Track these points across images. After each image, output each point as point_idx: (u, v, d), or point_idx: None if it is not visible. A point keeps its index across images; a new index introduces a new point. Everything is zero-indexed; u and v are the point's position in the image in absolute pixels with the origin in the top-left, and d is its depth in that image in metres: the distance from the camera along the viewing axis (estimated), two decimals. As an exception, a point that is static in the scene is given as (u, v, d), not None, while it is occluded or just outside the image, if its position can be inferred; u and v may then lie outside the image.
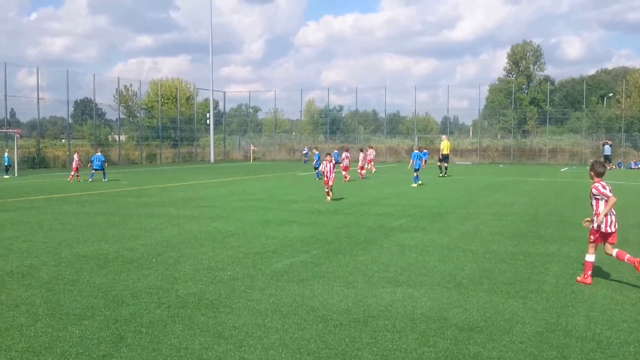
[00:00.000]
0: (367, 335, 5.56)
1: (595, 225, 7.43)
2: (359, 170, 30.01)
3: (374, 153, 35.74)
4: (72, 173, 27.59)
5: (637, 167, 44.81)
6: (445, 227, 12.43)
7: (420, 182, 24.65)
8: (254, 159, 56.36)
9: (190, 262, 8.77)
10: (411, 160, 25.44)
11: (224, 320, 6.02)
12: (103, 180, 26.97)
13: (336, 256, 9.28)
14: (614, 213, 7.53)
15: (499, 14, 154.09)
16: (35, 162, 40.62)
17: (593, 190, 7.52)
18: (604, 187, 7.47)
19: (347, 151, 28.90)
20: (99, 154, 28.12)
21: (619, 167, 45.48)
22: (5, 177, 30.66)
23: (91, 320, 5.97)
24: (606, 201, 7.39)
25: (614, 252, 7.40)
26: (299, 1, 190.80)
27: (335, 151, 32.96)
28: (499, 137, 61.24)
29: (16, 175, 31.71)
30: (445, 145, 31.99)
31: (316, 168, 27.60)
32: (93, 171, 27.50)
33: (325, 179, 18.17)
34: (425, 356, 5.03)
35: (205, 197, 19.34)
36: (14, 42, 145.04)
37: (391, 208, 15.99)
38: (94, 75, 47.54)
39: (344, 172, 27.02)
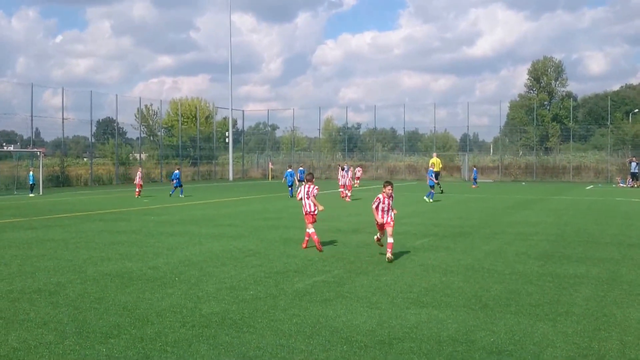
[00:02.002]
0: (392, 357, 5.47)
1: None
2: (342, 189, 29.11)
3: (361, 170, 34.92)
4: (138, 190, 29.11)
5: (663, 185, 43.93)
6: (469, 246, 12.28)
7: (433, 199, 25.55)
8: (272, 177, 56.53)
9: (212, 281, 8.76)
10: (428, 177, 26.81)
11: (248, 340, 5.97)
12: (180, 195, 28.51)
13: (358, 276, 9.20)
14: None
15: (518, 30, 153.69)
16: (60, 181, 41.23)
17: None
18: None
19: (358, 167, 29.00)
20: (177, 170, 29.94)
21: (645, 185, 44.62)
22: (31, 195, 31.13)
23: (117, 339, 5.97)
24: None
25: None
26: (318, 20, 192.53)
27: (300, 168, 32.94)
28: (520, 154, 60.68)
29: (41, 193, 32.18)
30: (435, 162, 32.05)
31: (289, 186, 29.13)
32: (174, 188, 29.34)
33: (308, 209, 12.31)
34: (453, 380, 4.92)
35: (225, 215, 19.40)
36: (40, 64, 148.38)
37: (413, 227, 15.85)
38: (117, 95, 48.29)
39: (347, 191, 27.22)
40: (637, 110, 65.25)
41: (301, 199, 12.22)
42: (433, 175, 27.04)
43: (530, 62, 74.75)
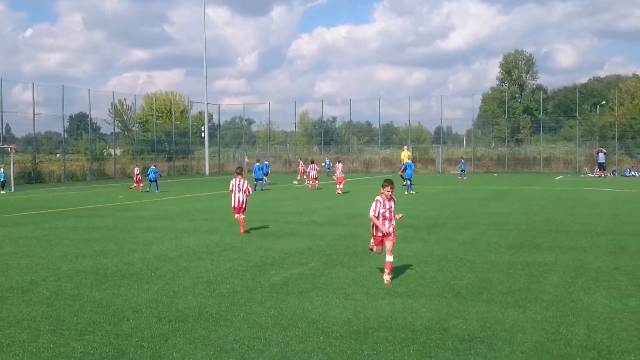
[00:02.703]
0: (368, 347, 5.58)
1: None
2: (310, 182, 30.10)
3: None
4: (135, 184, 29.97)
5: (631, 174, 45.04)
6: (443, 237, 12.48)
7: (411, 191, 25.66)
8: (249, 171, 56.38)
9: (189, 276, 8.77)
10: (403, 169, 26.91)
11: (225, 333, 6.02)
12: (156, 191, 28.46)
13: (334, 268, 9.30)
14: None
15: (491, 24, 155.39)
16: (32, 178, 40.51)
17: None
18: None
19: (339, 162, 29.02)
20: (154, 167, 29.93)
21: (614, 174, 45.70)
22: (2, 192, 30.55)
23: (93, 335, 5.97)
24: None
25: None
26: (293, 13, 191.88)
27: (266, 162, 33.19)
28: (492, 146, 61.52)
29: (12, 190, 31.60)
30: (405, 155, 32.43)
31: (258, 179, 29.81)
32: (150, 182, 29.53)
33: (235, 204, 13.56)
34: (427, 367, 5.05)
35: (201, 210, 19.34)
36: (9, 58, 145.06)
37: (388, 219, 16.01)
38: (89, 90, 47.54)
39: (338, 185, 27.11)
40: (604, 102, 66.56)
41: (231, 190, 13.48)
42: (409, 168, 27.18)
43: (502, 56, 75.60)
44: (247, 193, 13.53)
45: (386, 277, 8.25)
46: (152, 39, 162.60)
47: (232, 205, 13.55)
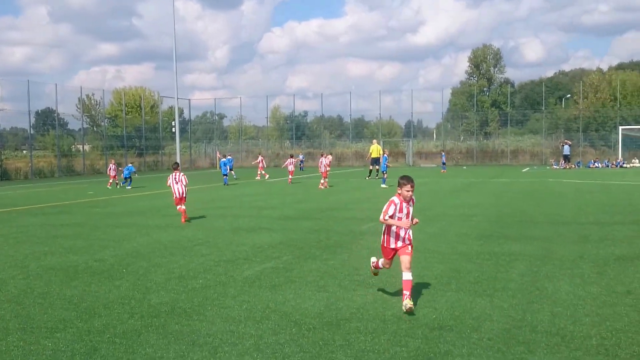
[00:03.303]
0: (340, 337, 5.67)
1: None
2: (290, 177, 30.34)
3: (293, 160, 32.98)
4: (111, 180, 29.35)
5: (595, 165, 46.17)
6: (413, 229, 12.54)
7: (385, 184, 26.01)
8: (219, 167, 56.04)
9: (161, 272, 8.75)
10: (383, 163, 27.34)
11: (198, 328, 6.05)
12: (127, 187, 28.64)
13: (307, 261, 9.37)
14: None
15: (460, 19, 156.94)
16: (-4, 175, 39.65)
17: None
18: None
19: (323, 156, 28.58)
20: (130, 165, 30.69)
21: (578, 166, 46.78)
22: (-36, 190, 29.84)
23: (63, 333, 5.94)
24: None
25: None
26: (264, 7, 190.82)
27: (229, 157, 32.92)
28: (462, 139, 62.37)
29: (-25, 188, 30.87)
30: (374, 149, 32.77)
31: (225, 174, 30.21)
32: (124, 179, 29.66)
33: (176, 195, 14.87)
34: (397, 356, 5.16)
35: (172, 205, 19.12)
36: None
37: (360, 212, 16.17)
38: (56, 84, 46.58)
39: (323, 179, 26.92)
40: (569, 95, 68.00)
41: (170, 185, 14.91)
42: (387, 161, 27.75)
43: (470, 50, 76.49)
44: (185, 183, 14.92)
45: (407, 303, 6.33)
46: (120, 33, 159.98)
47: (174, 197, 14.88)
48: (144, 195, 24.32)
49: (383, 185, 25.85)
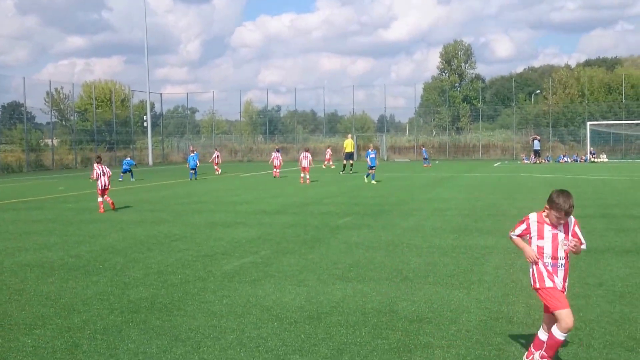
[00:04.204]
0: (322, 331, 5.74)
1: None
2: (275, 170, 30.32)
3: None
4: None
5: (565, 160, 47.15)
6: (389, 223, 12.80)
7: (375, 179, 24.98)
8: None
9: (139, 267, 8.70)
10: (368, 158, 25.43)
11: (179, 323, 6.06)
12: (132, 179, 29.21)
13: (285, 256, 9.42)
14: None
15: (431, 15, 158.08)
16: (-39, 169, 38.68)
17: None
18: None
19: (307, 151, 28.39)
20: (129, 158, 31.12)
21: (548, 161, 47.71)
22: None
23: (43, 329, 5.88)
24: None
25: None
26: (236, 1, 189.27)
27: (195, 152, 32.32)
28: (434, 134, 63.00)
29: (-60, 183, 30.08)
30: (348, 144, 33.00)
31: (192, 169, 30.28)
32: (122, 173, 29.97)
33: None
34: (379, 348, 5.26)
35: (147, 200, 19.02)
36: None
37: (335, 207, 16.26)
38: (24, 78, 45.49)
39: (302, 174, 26.60)
40: (538, 91, 69.19)
41: (97, 178, 15.87)
42: (375, 154, 25.87)
43: (442, 46, 77.29)
44: (109, 175, 16.16)
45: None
46: (89, 26, 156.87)
47: (98, 188, 15.82)
48: (116, 190, 24.01)
49: (373, 182, 24.65)
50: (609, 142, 52.93)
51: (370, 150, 26.24)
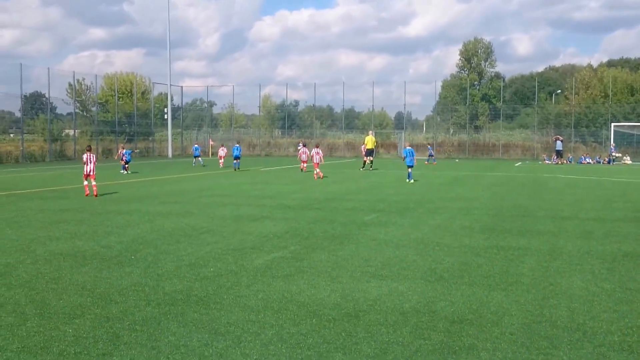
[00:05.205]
0: (362, 329, 5.68)
1: None
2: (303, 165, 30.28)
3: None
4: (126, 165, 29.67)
5: (586, 161, 46.56)
6: (416, 221, 12.69)
7: (413, 179, 23.62)
8: (212, 154, 55.74)
9: (170, 259, 8.70)
10: (403, 156, 24.10)
11: (217, 316, 6.03)
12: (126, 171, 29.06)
13: (315, 251, 9.37)
14: None
15: (451, 12, 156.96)
16: (-13, 158, 39.18)
17: None
18: None
19: (317, 147, 28.42)
20: (129, 149, 31.20)
21: (570, 162, 47.15)
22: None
23: (82, 319, 5.89)
24: None
25: None
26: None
27: (237, 145, 33.41)
28: (451, 132, 62.52)
29: (-35, 170, 30.46)
30: (369, 140, 32.79)
31: (196, 157, 36.22)
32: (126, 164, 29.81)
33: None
34: (422, 349, 5.18)
35: (170, 193, 19.08)
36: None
37: (359, 203, 16.17)
38: (48, 68, 45.87)
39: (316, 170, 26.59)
40: (559, 91, 68.35)
41: (85, 162, 17.49)
42: (411, 155, 23.77)
43: (461, 43, 76.49)
44: (94, 162, 17.65)
45: None
46: (110, 18, 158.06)
47: (84, 172, 17.44)
48: (139, 182, 24.16)
49: (410, 181, 23.31)
50: (632, 143, 52.12)
51: (408, 147, 24.62)
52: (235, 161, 31.56)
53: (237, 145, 32.62)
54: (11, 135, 52.70)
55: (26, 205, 15.21)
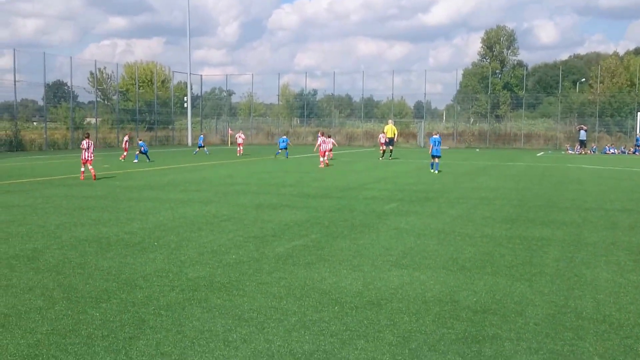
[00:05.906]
0: (384, 317, 5.69)
1: None
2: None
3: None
4: (125, 153, 30.10)
5: (611, 151, 45.83)
6: (437, 211, 12.63)
7: (439, 169, 23.10)
8: (231, 143, 56.01)
9: (192, 246, 8.78)
10: (430, 146, 23.46)
11: (240, 303, 6.08)
12: (135, 161, 28.88)
13: (336, 240, 9.38)
14: None
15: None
16: (13, 145, 39.79)
17: None
18: None
19: (329, 137, 28.68)
20: (142, 141, 31.50)
21: (594, 152, 46.46)
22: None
23: (108, 303, 5.98)
24: None
25: None
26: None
27: (284, 137, 33.99)
28: (472, 121, 61.90)
29: (-9, 157, 31.00)
30: (388, 129, 32.59)
31: (200, 147, 37.24)
32: (138, 153, 29.89)
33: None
34: (445, 338, 5.17)
35: (191, 180, 19.23)
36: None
37: (379, 192, 16.14)
38: (71, 57, 46.42)
39: (322, 158, 26.68)
40: (584, 79, 67.23)
41: (82, 148, 18.92)
42: (437, 144, 23.20)
43: (483, 31, 75.64)
44: (92, 150, 19.02)
45: None
46: (130, 7, 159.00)
47: (82, 159, 18.90)
48: (159, 169, 24.37)
49: (435, 171, 22.81)
50: (658, 134, 51.08)
51: (435, 136, 23.97)
52: (285, 151, 32.92)
53: (285, 137, 34.29)
54: (34, 123, 53.49)
55: (51, 192, 15.45)
